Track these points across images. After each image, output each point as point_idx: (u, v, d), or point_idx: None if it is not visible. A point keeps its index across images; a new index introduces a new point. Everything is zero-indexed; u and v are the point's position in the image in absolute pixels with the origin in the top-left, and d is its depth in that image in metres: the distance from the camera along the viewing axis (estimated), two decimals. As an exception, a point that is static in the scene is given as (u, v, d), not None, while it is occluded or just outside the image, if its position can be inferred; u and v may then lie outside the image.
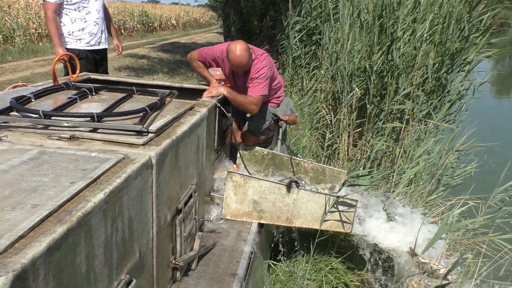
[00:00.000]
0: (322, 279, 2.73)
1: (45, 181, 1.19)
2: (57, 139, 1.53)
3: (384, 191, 3.56)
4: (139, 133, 1.63)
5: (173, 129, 1.80)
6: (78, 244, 1.05)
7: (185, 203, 1.94)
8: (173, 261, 1.90)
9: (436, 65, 4.21)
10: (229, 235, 2.44)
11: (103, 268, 1.21)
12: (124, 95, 2.14)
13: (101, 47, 3.97)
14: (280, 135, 3.49)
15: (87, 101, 2.07)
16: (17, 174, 1.21)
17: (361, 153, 4.39)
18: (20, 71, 8.90)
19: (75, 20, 3.73)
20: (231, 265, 2.15)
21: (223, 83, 3.00)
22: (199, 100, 2.43)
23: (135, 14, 22.13)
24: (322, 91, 5.59)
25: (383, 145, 3.94)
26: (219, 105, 2.46)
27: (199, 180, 2.20)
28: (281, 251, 2.89)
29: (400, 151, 3.98)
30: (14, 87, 2.28)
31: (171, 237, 1.86)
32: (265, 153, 3.12)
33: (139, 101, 2.11)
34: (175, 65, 11.45)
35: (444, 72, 4.24)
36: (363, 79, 4.65)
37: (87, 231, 1.09)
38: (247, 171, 2.96)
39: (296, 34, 6.54)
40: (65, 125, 1.62)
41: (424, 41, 4.24)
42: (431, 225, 2.70)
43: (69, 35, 3.75)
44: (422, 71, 4.24)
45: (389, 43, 4.23)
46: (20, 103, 1.78)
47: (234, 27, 10.33)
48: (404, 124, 4.15)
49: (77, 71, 2.52)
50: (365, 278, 2.75)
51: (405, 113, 4.22)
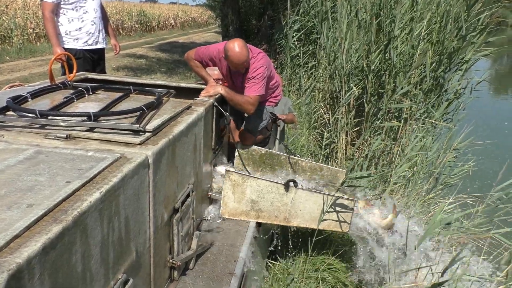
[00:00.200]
0: (319, 278, 2.73)
1: (41, 180, 1.19)
2: (53, 139, 1.53)
3: (381, 191, 3.56)
4: (136, 132, 1.63)
5: (170, 128, 1.80)
6: (74, 243, 1.05)
7: (182, 203, 1.94)
8: (171, 260, 1.89)
9: (433, 64, 4.22)
10: (227, 234, 2.44)
11: (100, 267, 1.20)
12: (121, 94, 2.14)
13: (99, 46, 3.96)
14: (278, 135, 3.49)
15: (84, 100, 2.07)
16: (13, 173, 1.21)
17: (359, 152, 4.39)
18: (18, 71, 8.88)
19: (72, 19, 3.73)
20: (228, 264, 2.14)
21: (220, 82, 3.00)
22: (196, 99, 2.43)
23: (133, 13, 22.12)
24: (320, 91, 5.59)
25: (381, 144, 3.94)
26: (216, 104, 2.45)
27: (196, 179, 2.20)
28: (279, 250, 2.89)
29: (398, 150, 3.98)
30: (11, 87, 2.28)
31: (169, 236, 1.86)
32: (263, 152, 3.12)
33: (136, 101, 2.10)
34: (173, 65, 11.44)
35: (441, 71, 4.25)
36: (361, 78, 4.66)
37: (83, 230, 1.09)
38: (246, 170, 2.96)
39: (294, 33, 6.53)
40: (62, 124, 1.62)
41: (421, 40, 4.24)
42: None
43: (67, 34, 3.75)
44: (419, 70, 4.24)
45: (387, 42, 4.23)
46: (16, 103, 1.78)
47: (232, 26, 10.32)
48: (402, 123, 4.16)
49: (74, 71, 2.52)
50: (362, 276, 2.75)
51: (403, 112, 4.23)
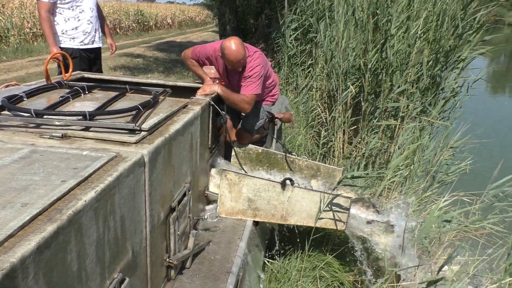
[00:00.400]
0: (316, 276, 2.73)
1: (36, 179, 1.18)
2: (48, 138, 1.52)
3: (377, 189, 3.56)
4: (132, 131, 1.62)
5: (166, 127, 1.79)
6: (68, 242, 1.05)
7: (179, 202, 1.94)
8: (167, 259, 1.89)
9: (430, 62, 4.22)
10: (223, 233, 2.44)
11: (95, 266, 1.20)
12: (117, 93, 2.13)
13: (95, 46, 3.96)
14: (275, 133, 3.50)
15: (80, 99, 2.06)
16: (8, 173, 1.21)
17: (356, 151, 4.39)
18: (14, 70, 8.86)
19: (68, 19, 3.72)
20: (225, 263, 2.15)
21: (217, 81, 2.99)
22: (192, 98, 2.43)
23: (131, 13, 22.07)
24: (317, 89, 5.59)
25: (378, 142, 3.95)
26: (212, 103, 2.45)
27: (193, 178, 2.20)
28: (276, 249, 2.89)
29: (394, 149, 3.98)
30: (6, 86, 2.27)
31: (165, 235, 1.86)
32: (260, 151, 3.12)
33: (132, 100, 2.10)
34: (170, 64, 11.42)
35: (438, 69, 4.25)
36: (358, 76, 4.66)
37: (78, 229, 1.09)
38: (241, 169, 2.96)
39: (291, 32, 6.53)
40: (57, 123, 1.62)
41: (418, 38, 4.25)
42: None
43: (63, 34, 3.74)
44: (416, 68, 4.25)
45: (383, 40, 4.24)
46: (11, 102, 1.77)
47: (229, 25, 10.32)
48: (398, 121, 4.16)
49: (70, 70, 2.51)
50: (359, 274, 2.75)
51: (399, 111, 4.23)
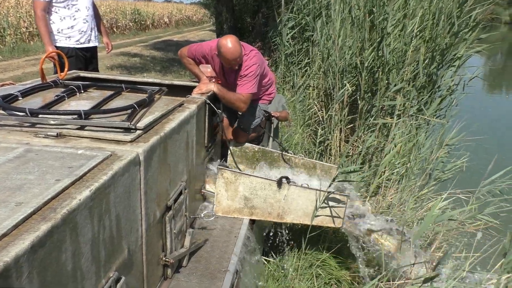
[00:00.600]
0: (313, 274, 2.74)
1: (30, 179, 1.18)
2: (43, 137, 1.52)
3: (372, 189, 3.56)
4: (127, 130, 1.62)
5: (161, 126, 1.79)
6: (63, 241, 1.05)
7: (175, 200, 1.94)
8: (164, 258, 1.89)
9: (426, 60, 4.23)
10: (220, 231, 2.44)
11: (90, 265, 1.20)
12: (112, 92, 2.13)
13: (91, 45, 3.95)
14: (271, 132, 3.50)
15: (75, 98, 2.06)
16: (2, 172, 1.21)
17: (353, 149, 4.40)
18: (11, 70, 8.83)
19: (64, 17, 3.71)
20: (222, 261, 2.15)
21: (213, 80, 2.99)
22: (188, 96, 2.43)
23: (128, 12, 22.03)
24: (314, 88, 5.59)
25: (374, 140, 3.95)
26: (208, 101, 2.45)
27: (189, 176, 2.20)
28: (273, 247, 2.90)
29: (386, 144, 3.99)
30: (1, 86, 2.27)
31: (161, 234, 1.86)
32: (256, 149, 3.13)
33: (127, 98, 2.10)
34: (167, 63, 11.40)
35: (434, 67, 4.26)
36: (354, 75, 4.66)
37: (72, 228, 1.09)
38: (237, 168, 2.96)
39: (288, 31, 6.52)
40: (52, 123, 1.61)
41: (414, 36, 4.25)
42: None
43: (59, 33, 3.73)
44: (412, 66, 4.26)
45: (380, 39, 4.24)
46: (6, 101, 1.76)
47: (226, 24, 10.31)
48: (395, 120, 4.16)
49: (66, 69, 2.51)
50: (355, 271, 2.76)
51: (396, 109, 4.24)
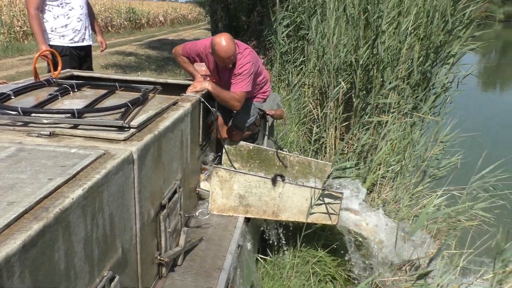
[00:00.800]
0: (309, 271, 2.75)
1: (23, 178, 1.17)
2: (36, 136, 1.51)
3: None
4: (121, 129, 1.62)
5: (155, 124, 1.79)
6: (55, 240, 1.04)
7: (169, 199, 1.93)
8: (158, 257, 1.89)
9: (421, 58, 4.24)
10: (215, 230, 2.44)
11: (84, 264, 1.20)
12: (106, 91, 2.12)
13: (85, 43, 3.92)
14: (266, 130, 3.50)
15: (69, 97, 2.05)
16: (-6, 171, 1.20)
17: (348, 147, 4.41)
18: (4, 69, 8.76)
19: (57, 16, 3.68)
20: (217, 260, 2.15)
21: (208, 78, 2.99)
22: (183, 95, 2.42)
23: (122, 11, 21.91)
24: (309, 86, 5.59)
25: (369, 138, 3.96)
26: (203, 100, 2.45)
27: (183, 175, 2.20)
28: (268, 245, 2.90)
29: (386, 144, 4.00)
30: (-6, 85, 2.25)
31: (156, 233, 1.85)
32: (251, 147, 3.12)
33: (121, 97, 2.09)
34: (163, 62, 11.36)
35: (429, 65, 4.27)
36: (349, 73, 4.67)
37: (65, 227, 1.08)
38: (232, 166, 2.96)
39: (283, 29, 6.52)
40: (45, 121, 1.61)
41: (408, 34, 4.26)
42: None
43: (52, 31, 3.70)
44: (407, 64, 4.27)
45: (374, 37, 4.25)
46: (-2, 101, 1.76)
47: (221, 23, 10.28)
48: (390, 117, 4.17)
49: (59, 68, 2.50)
50: (351, 269, 2.77)
51: (391, 107, 4.25)
